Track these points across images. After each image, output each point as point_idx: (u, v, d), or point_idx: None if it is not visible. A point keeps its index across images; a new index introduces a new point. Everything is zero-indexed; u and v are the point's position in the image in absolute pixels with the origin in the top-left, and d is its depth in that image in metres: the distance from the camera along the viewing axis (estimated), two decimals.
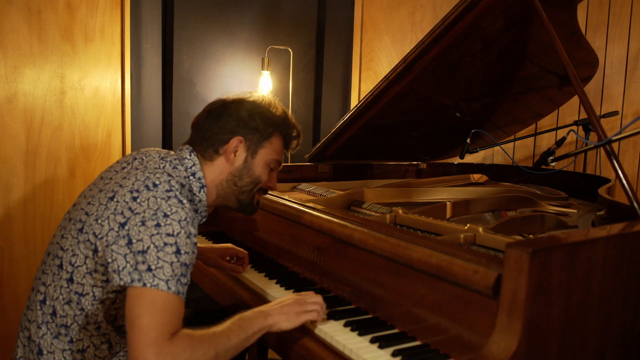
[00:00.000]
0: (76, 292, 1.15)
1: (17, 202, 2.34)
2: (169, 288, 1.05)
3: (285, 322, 1.20)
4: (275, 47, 3.10)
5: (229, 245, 1.70)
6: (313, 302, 1.25)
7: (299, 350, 1.23)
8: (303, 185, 2.22)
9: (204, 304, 1.82)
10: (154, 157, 1.28)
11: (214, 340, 1.09)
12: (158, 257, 1.06)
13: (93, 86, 2.53)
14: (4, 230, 2.31)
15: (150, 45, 2.79)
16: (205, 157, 1.33)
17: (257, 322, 1.17)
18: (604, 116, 2.48)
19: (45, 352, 1.15)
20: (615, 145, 2.80)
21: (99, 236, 1.12)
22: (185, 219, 1.11)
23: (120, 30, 2.58)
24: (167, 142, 2.94)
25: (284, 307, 1.22)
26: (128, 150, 2.65)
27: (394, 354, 1.08)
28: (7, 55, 2.25)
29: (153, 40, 2.81)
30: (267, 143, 1.37)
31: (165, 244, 1.07)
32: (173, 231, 1.09)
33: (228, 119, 1.33)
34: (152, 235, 1.07)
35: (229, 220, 2.12)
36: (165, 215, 1.09)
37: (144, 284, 1.04)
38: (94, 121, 2.54)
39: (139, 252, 1.06)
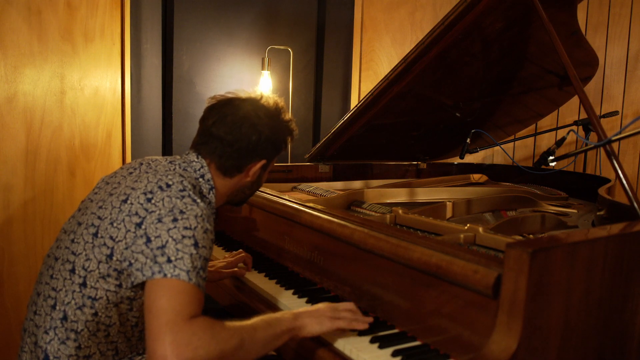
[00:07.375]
0: (89, 297, 1.14)
1: (17, 202, 2.34)
2: (190, 279, 1.04)
3: (317, 325, 1.16)
4: (275, 47, 3.10)
5: (230, 259, 1.68)
6: (345, 308, 1.22)
7: (296, 348, 1.23)
8: (303, 185, 2.22)
9: (204, 304, 1.81)
10: (162, 162, 1.28)
11: (239, 328, 1.06)
12: (177, 249, 1.05)
13: (93, 86, 2.52)
14: (4, 230, 2.31)
15: (150, 45, 2.79)
16: (220, 170, 1.32)
17: (285, 322, 1.14)
18: (604, 116, 2.48)
19: (51, 358, 1.14)
20: (615, 145, 2.80)
21: (116, 239, 1.12)
22: (201, 215, 1.12)
23: (120, 30, 2.58)
24: (167, 142, 2.94)
25: (315, 311, 1.19)
26: (128, 150, 2.65)
27: (393, 354, 1.08)
28: (7, 55, 2.25)
29: (153, 40, 2.80)
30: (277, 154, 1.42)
31: (184, 237, 1.07)
32: (190, 225, 1.09)
33: (256, 139, 1.31)
34: (170, 229, 1.07)
35: (229, 220, 2.12)
36: (182, 212, 1.10)
37: (165, 275, 1.03)
38: (94, 121, 2.54)
39: (157, 247, 1.06)
